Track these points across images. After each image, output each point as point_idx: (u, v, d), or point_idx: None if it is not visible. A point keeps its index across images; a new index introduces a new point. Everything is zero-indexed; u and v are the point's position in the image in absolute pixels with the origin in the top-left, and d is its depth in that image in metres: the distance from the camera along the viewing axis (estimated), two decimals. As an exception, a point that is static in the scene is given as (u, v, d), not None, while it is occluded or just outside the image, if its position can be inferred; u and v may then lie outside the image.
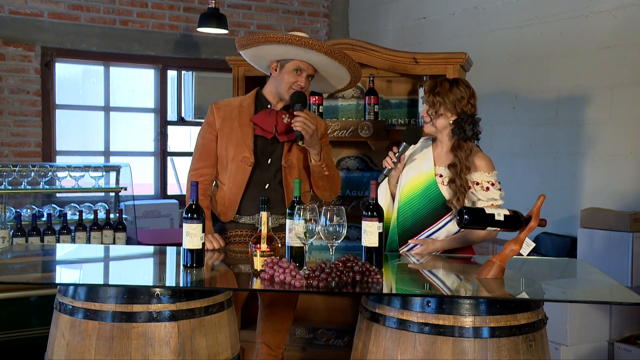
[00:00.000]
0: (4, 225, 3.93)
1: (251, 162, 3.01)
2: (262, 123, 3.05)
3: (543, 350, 2.27)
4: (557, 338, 3.86)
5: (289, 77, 2.99)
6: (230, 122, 3.06)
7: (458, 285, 2.51)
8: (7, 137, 5.66)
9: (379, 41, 5.30)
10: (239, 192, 3.02)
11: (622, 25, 4.34)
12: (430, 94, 2.87)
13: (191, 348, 2.31)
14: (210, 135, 3.07)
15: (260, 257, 2.36)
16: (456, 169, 2.84)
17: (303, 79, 3.00)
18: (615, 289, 2.41)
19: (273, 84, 3.07)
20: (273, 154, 3.07)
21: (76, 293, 2.33)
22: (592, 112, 4.53)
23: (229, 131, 3.05)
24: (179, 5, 6.31)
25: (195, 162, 3.10)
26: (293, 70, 2.99)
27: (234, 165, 3.02)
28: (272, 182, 3.06)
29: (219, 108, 3.09)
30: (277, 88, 3.04)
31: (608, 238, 3.99)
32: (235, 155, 3.02)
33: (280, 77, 3.01)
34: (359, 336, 2.36)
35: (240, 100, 3.13)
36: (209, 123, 3.09)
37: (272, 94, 3.09)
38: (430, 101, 2.87)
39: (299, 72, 2.99)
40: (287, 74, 2.99)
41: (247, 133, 3.04)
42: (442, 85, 2.87)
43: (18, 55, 5.68)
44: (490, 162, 2.89)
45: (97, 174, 4.72)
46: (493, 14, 5.24)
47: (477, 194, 2.85)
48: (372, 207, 2.45)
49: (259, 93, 3.13)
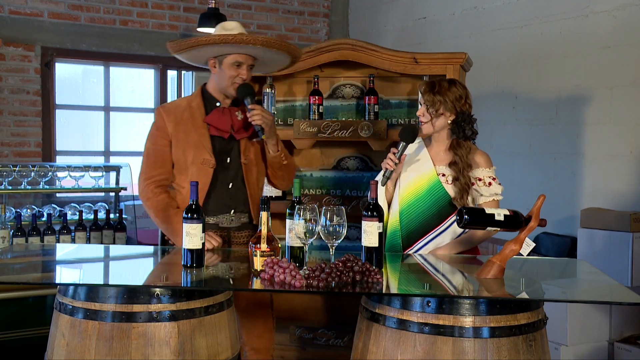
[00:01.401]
0: (4, 225, 3.93)
1: (212, 163, 2.97)
2: (217, 123, 3.00)
3: (543, 350, 2.27)
4: (557, 338, 3.86)
5: (230, 72, 2.96)
6: (183, 125, 2.98)
7: (458, 285, 2.51)
8: (7, 137, 5.66)
9: (379, 41, 5.30)
10: (202, 195, 2.94)
11: (622, 25, 4.34)
12: (430, 93, 2.87)
13: (191, 348, 2.31)
14: (163, 141, 2.98)
15: (260, 257, 2.36)
16: (458, 166, 2.85)
17: (244, 71, 2.97)
18: (615, 289, 2.41)
19: (215, 80, 3.04)
20: (231, 153, 3.04)
21: (76, 293, 2.33)
22: (592, 112, 4.53)
23: (184, 135, 2.97)
24: (179, 5, 6.31)
25: (150, 169, 2.99)
26: (232, 65, 2.96)
27: (194, 169, 2.96)
28: (235, 180, 3.04)
29: (167, 112, 3.01)
30: (220, 84, 3.01)
31: (608, 238, 3.99)
32: (194, 158, 2.96)
33: (221, 73, 2.98)
34: (359, 336, 2.36)
35: (188, 101, 3.06)
36: (160, 128, 2.99)
37: (217, 91, 3.05)
38: (431, 100, 2.86)
39: (238, 66, 2.96)
40: (227, 69, 2.96)
41: (204, 134, 2.99)
42: (441, 84, 2.88)
43: (18, 55, 5.68)
44: (489, 158, 2.92)
45: (97, 174, 4.72)
46: (493, 14, 5.24)
47: (479, 189, 2.86)
48: (372, 207, 2.45)
49: (205, 91, 3.08)
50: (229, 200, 3.03)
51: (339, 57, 3.70)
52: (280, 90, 3.93)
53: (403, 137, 2.87)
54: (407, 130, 2.88)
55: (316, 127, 3.70)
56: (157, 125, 3.01)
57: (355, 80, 3.91)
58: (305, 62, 3.70)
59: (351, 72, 3.88)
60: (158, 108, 3.05)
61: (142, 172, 3.01)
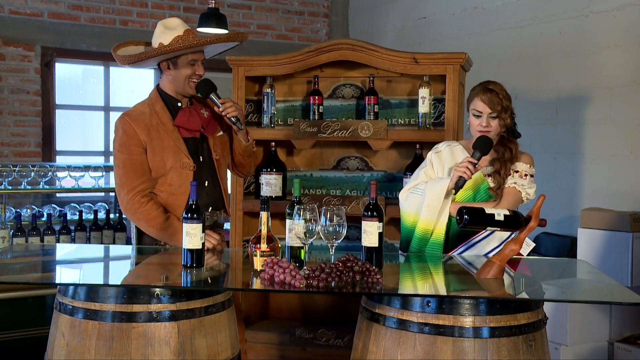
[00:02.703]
0: (4, 225, 3.93)
1: (192, 166, 2.94)
2: (188, 124, 2.95)
3: (543, 350, 2.27)
4: (557, 338, 3.86)
5: (186, 71, 2.93)
6: (155, 132, 2.92)
7: (458, 285, 2.51)
8: (7, 137, 5.66)
9: (379, 41, 5.30)
10: (183, 197, 2.90)
11: (622, 25, 4.34)
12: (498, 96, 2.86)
13: (191, 348, 2.31)
14: (138, 149, 2.88)
15: (260, 257, 2.36)
16: (504, 159, 2.90)
17: (200, 68, 2.96)
18: (615, 289, 2.41)
19: (169, 81, 2.98)
20: (204, 151, 3.02)
21: (76, 293, 2.33)
22: (592, 112, 4.53)
23: (158, 141, 2.91)
24: (179, 5, 6.31)
25: (130, 180, 2.86)
26: (188, 64, 2.93)
27: (174, 173, 2.91)
28: (210, 178, 3.03)
29: (135, 120, 2.91)
30: (176, 85, 2.96)
31: (608, 238, 3.99)
32: (174, 163, 2.91)
33: (177, 74, 2.94)
34: (359, 336, 2.36)
35: (149, 106, 2.99)
36: (131, 136, 2.88)
37: (175, 92, 3.00)
38: (506, 105, 2.87)
39: (193, 63, 2.94)
40: (184, 69, 2.93)
41: (178, 138, 2.94)
42: (495, 86, 2.89)
43: (18, 55, 5.68)
44: (533, 160, 3.00)
45: (97, 174, 4.72)
46: (493, 14, 5.24)
47: (511, 179, 2.90)
48: (372, 207, 2.44)
49: (162, 93, 3.01)
50: (207, 199, 3.00)
51: (339, 57, 3.69)
52: (280, 90, 3.93)
53: (480, 147, 2.83)
54: (483, 140, 2.85)
55: (316, 127, 3.70)
56: (127, 134, 2.89)
57: (355, 80, 3.90)
58: (305, 62, 3.70)
59: (351, 72, 3.88)
60: (123, 117, 2.93)
61: (123, 185, 2.87)
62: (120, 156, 2.89)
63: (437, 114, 3.72)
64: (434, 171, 2.99)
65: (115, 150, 2.93)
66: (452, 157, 2.98)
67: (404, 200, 3.00)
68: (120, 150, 2.90)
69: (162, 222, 2.87)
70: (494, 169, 2.92)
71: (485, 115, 2.87)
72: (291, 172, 3.94)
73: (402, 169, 3.76)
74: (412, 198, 2.95)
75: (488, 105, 2.87)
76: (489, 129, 2.88)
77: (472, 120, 2.91)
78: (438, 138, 3.61)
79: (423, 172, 3.00)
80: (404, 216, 3.02)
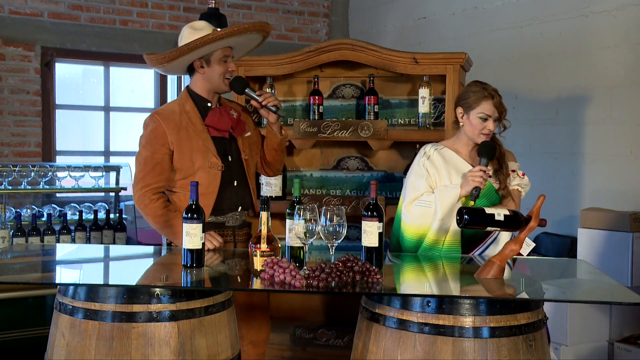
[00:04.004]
0: (4, 225, 3.93)
1: (220, 166, 2.98)
2: (218, 124, 3.00)
3: (543, 350, 2.27)
4: (557, 338, 3.86)
5: (220, 69, 2.99)
6: (185, 132, 2.96)
7: (458, 285, 2.51)
8: (7, 137, 5.65)
9: (379, 41, 5.30)
10: (212, 197, 2.95)
11: (622, 25, 4.34)
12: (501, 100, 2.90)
13: (191, 348, 2.31)
14: (163, 149, 2.93)
15: (260, 257, 2.36)
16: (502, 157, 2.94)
17: (232, 65, 3.03)
18: (615, 289, 2.41)
19: (202, 80, 3.02)
20: (232, 152, 3.07)
21: (76, 293, 2.33)
22: (592, 112, 4.53)
23: (187, 141, 2.95)
24: (179, 5, 6.31)
25: (148, 177, 2.92)
26: (221, 61, 2.98)
27: (203, 173, 2.95)
28: (239, 178, 3.07)
29: (166, 119, 2.95)
30: (211, 83, 3.01)
31: (608, 238, 3.99)
32: (202, 163, 2.95)
33: (210, 72, 2.99)
34: (359, 336, 2.36)
35: (180, 106, 3.02)
36: (159, 135, 2.93)
37: (206, 91, 3.04)
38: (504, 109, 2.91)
39: (225, 60, 3.00)
40: (217, 66, 2.98)
41: (207, 138, 2.99)
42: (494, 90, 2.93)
43: (18, 55, 5.67)
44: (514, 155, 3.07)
45: (97, 174, 4.72)
46: (493, 14, 5.24)
47: (513, 180, 2.94)
48: (372, 207, 2.45)
49: (192, 93, 3.05)
50: (236, 199, 3.06)
51: (339, 57, 3.70)
52: (280, 90, 3.93)
53: (487, 153, 2.84)
54: (487, 146, 2.86)
55: (316, 127, 3.70)
56: (155, 132, 2.94)
57: (355, 80, 3.91)
58: (305, 62, 3.70)
59: (351, 72, 3.88)
60: (153, 115, 2.98)
61: (139, 180, 2.94)
62: (143, 152, 2.96)
63: (437, 114, 3.72)
64: (432, 179, 2.94)
65: (140, 145, 2.99)
66: (444, 161, 2.94)
67: (409, 213, 2.92)
68: (144, 147, 2.96)
69: (164, 220, 2.91)
70: (493, 168, 2.93)
71: (492, 119, 2.88)
72: (291, 172, 3.94)
73: (402, 169, 3.77)
74: (420, 211, 2.88)
75: (497, 110, 2.88)
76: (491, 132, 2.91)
77: (476, 123, 2.88)
78: (438, 138, 3.61)
79: (424, 180, 2.93)
80: (408, 229, 2.93)
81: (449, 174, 2.92)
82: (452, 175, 2.91)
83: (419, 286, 2.55)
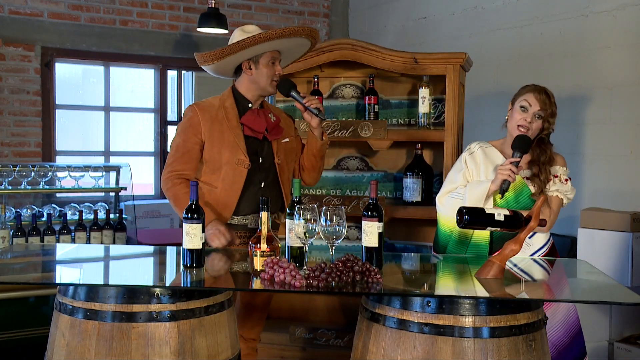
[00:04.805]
0: (4, 225, 3.93)
1: (247, 164, 3.02)
2: (253, 124, 3.06)
3: (543, 350, 2.27)
4: (557, 338, 3.86)
5: (268, 71, 3.04)
6: (218, 125, 3.03)
7: (458, 285, 2.51)
8: (7, 137, 5.66)
9: (379, 41, 5.30)
10: (235, 194, 3.02)
11: (622, 25, 4.34)
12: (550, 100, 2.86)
13: (191, 348, 2.31)
14: (195, 138, 3.03)
15: (260, 257, 2.36)
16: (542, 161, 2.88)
17: (280, 68, 3.08)
18: (615, 289, 2.41)
19: (248, 82, 3.08)
20: (263, 153, 3.10)
21: (76, 293, 2.33)
22: (592, 112, 4.53)
23: (219, 134, 3.03)
24: (179, 5, 6.31)
25: (176, 163, 3.03)
26: (269, 64, 3.04)
27: (229, 168, 3.01)
28: (267, 180, 3.09)
29: (203, 110, 3.05)
30: (258, 84, 3.06)
31: (608, 238, 3.99)
32: (230, 158, 3.01)
33: (259, 73, 3.04)
34: (359, 336, 2.36)
35: (220, 101, 3.11)
36: (194, 125, 3.03)
37: (251, 92, 3.10)
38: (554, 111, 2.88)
39: (274, 62, 3.05)
40: (265, 68, 3.04)
41: (239, 135, 3.04)
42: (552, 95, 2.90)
43: (18, 55, 5.68)
44: (565, 161, 2.97)
45: (97, 174, 4.72)
46: (493, 14, 5.24)
47: (553, 185, 2.88)
48: (372, 207, 2.44)
49: (236, 92, 3.12)
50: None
51: (339, 57, 3.70)
52: (280, 90, 3.92)
53: (520, 146, 2.80)
54: (522, 139, 2.82)
55: (316, 127, 3.69)
56: (190, 121, 3.04)
57: (355, 80, 3.91)
58: (305, 62, 3.70)
59: (351, 72, 3.88)
60: (192, 105, 3.09)
61: (168, 165, 3.05)
62: (177, 139, 3.07)
63: (437, 114, 3.72)
64: (470, 173, 2.94)
65: (176, 132, 3.10)
66: (486, 158, 2.94)
67: (442, 205, 2.93)
68: (179, 134, 3.07)
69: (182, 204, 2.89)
70: (533, 173, 2.88)
71: (532, 111, 2.85)
72: (291, 172, 3.94)
73: (402, 169, 3.77)
74: (451, 202, 2.88)
75: (539, 103, 2.84)
76: (530, 127, 2.85)
77: (516, 114, 2.87)
78: (438, 138, 3.62)
79: (462, 174, 2.93)
80: (442, 221, 2.95)
81: (487, 171, 2.91)
82: (489, 173, 2.91)
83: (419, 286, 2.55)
